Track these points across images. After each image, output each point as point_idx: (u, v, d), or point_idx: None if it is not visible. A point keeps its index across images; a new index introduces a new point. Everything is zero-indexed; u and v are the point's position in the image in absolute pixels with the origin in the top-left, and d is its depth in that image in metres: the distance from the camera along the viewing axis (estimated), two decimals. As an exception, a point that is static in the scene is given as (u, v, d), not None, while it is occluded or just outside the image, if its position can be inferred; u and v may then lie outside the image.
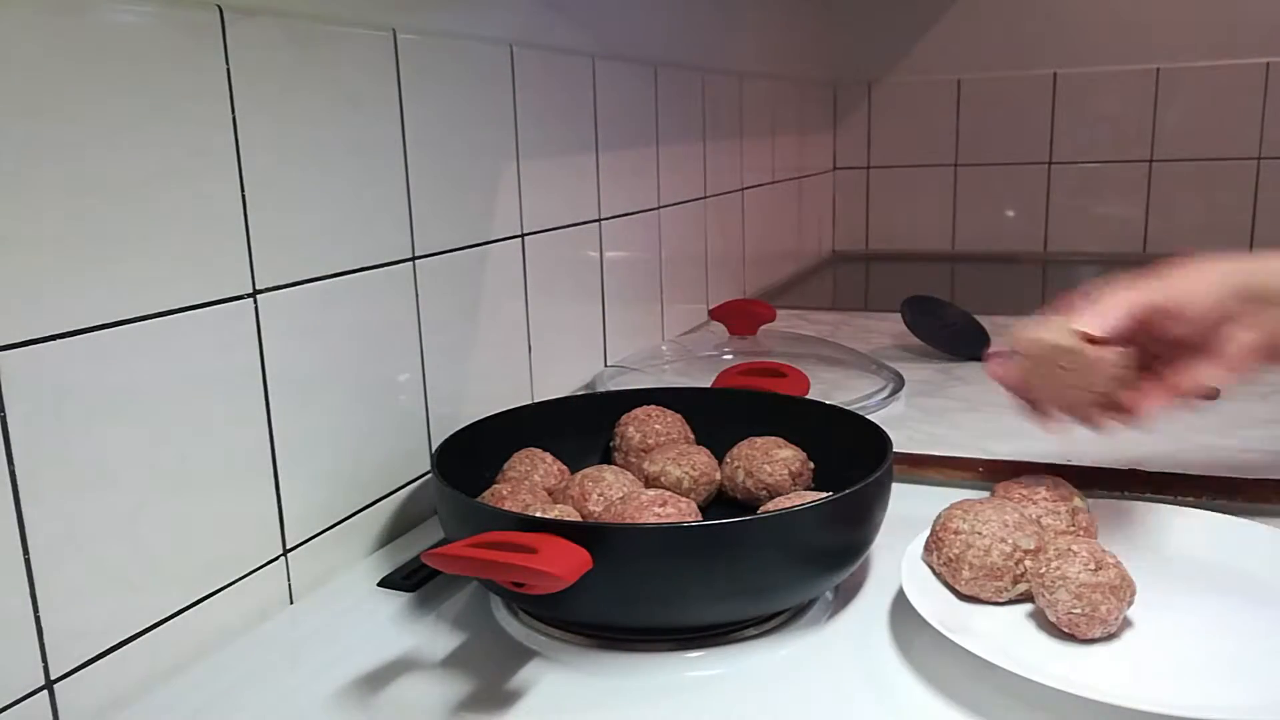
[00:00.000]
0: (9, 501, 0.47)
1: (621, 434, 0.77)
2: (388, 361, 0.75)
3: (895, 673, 0.55)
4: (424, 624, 0.62)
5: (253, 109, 0.60)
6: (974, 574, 0.58)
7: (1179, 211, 1.94)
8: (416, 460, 0.78)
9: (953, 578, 0.59)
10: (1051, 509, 0.64)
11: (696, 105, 1.36)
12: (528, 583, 0.50)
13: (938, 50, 2.03)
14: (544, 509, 0.63)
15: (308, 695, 0.54)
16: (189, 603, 0.58)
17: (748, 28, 1.61)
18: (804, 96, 1.93)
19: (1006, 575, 0.58)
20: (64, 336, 0.49)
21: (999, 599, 0.59)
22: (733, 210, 1.53)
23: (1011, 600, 0.59)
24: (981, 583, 0.59)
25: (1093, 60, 1.93)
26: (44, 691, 0.49)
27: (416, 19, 0.76)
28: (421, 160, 0.76)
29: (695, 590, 0.55)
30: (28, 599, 0.48)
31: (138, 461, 0.54)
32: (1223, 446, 0.86)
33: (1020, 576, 0.58)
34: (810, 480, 0.72)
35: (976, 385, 1.09)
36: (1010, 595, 0.59)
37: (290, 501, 0.65)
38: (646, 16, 1.21)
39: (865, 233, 2.16)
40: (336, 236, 0.68)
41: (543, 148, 0.95)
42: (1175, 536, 0.65)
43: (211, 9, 0.57)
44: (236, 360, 0.60)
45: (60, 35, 0.49)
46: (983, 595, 0.59)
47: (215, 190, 0.58)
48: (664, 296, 1.28)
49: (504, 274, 0.89)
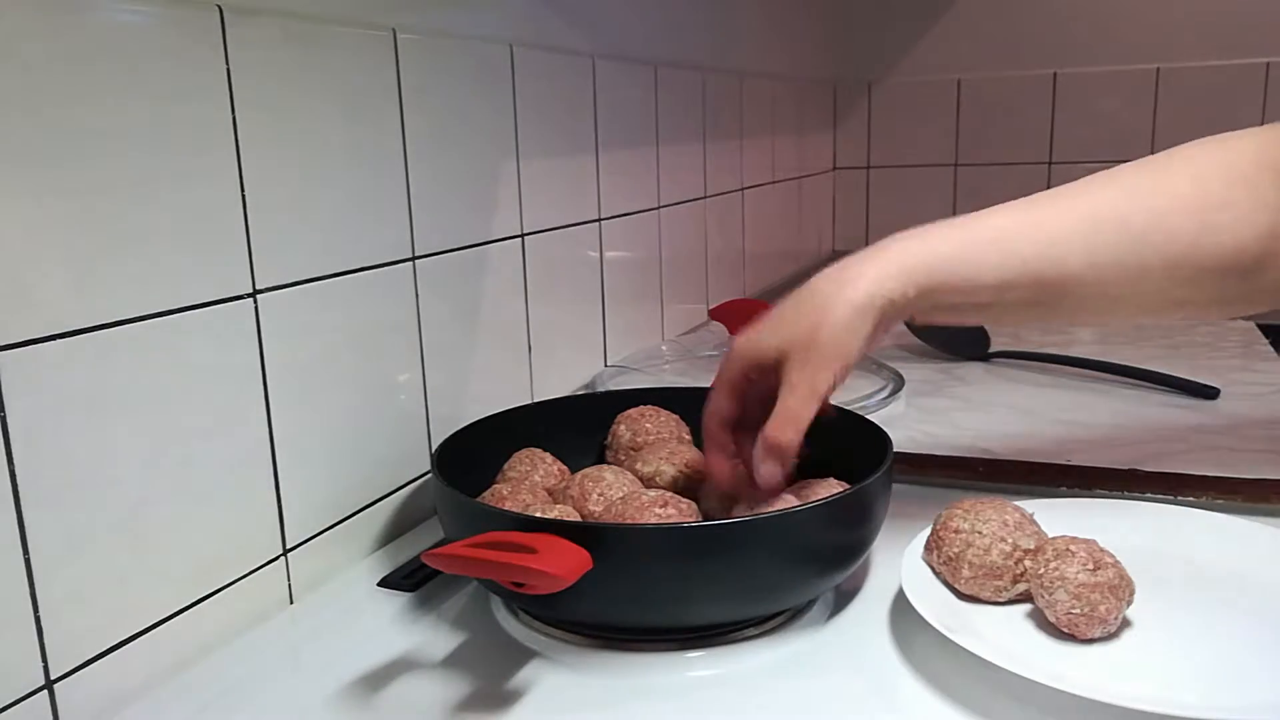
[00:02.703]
0: (9, 501, 0.47)
1: (614, 433, 0.77)
2: (388, 361, 0.75)
3: (895, 673, 0.55)
4: (424, 624, 0.62)
5: (253, 109, 0.60)
6: (973, 573, 0.58)
7: (1179, 211, 1.94)
8: (416, 460, 0.78)
9: (952, 576, 0.59)
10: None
11: (696, 105, 1.36)
12: (528, 583, 0.50)
13: (938, 50, 2.03)
14: (544, 509, 0.63)
15: (308, 695, 0.54)
16: (189, 603, 0.58)
17: (748, 28, 1.61)
18: (804, 96, 1.93)
19: (1006, 575, 0.58)
20: (64, 336, 0.49)
21: (999, 598, 0.59)
22: (733, 210, 1.53)
23: (1011, 600, 0.59)
24: (981, 582, 0.59)
25: (1093, 60, 1.93)
26: (44, 691, 0.49)
27: (416, 19, 0.76)
28: (421, 160, 0.76)
29: (695, 590, 0.55)
30: (28, 599, 0.48)
31: (138, 461, 0.54)
32: (1223, 446, 0.86)
33: (1020, 576, 0.58)
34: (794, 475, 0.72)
35: (976, 385, 1.09)
36: (1010, 595, 0.59)
37: (290, 501, 0.65)
38: (646, 16, 1.21)
39: (865, 233, 2.16)
40: (336, 236, 0.68)
41: (543, 147, 0.95)
42: (1175, 536, 0.65)
43: (211, 9, 0.57)
44: (236, 360, 0.60)
45: (60, 35, 0.49)
46: (982, 595, 0.59)
47: (215, 190, 0.58)
48: (664, 296, 1.28)
49: (504, 274, 0.89)
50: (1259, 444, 0.86)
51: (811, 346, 0.58)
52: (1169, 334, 1.30)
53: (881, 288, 0.58)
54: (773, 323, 0.61)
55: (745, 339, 0.61)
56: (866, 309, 0.58)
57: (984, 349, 1.21)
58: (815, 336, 0.58)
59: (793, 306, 0.60)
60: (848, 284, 0.58)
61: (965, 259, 0.59)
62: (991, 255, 0.60)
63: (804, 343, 0.58)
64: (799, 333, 0.58)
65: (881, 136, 2.11)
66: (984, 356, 1.19)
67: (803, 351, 0.58)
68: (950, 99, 2.04)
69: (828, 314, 0.58)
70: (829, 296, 0.58)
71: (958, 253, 0.60)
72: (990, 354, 1.20)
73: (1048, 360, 1.15)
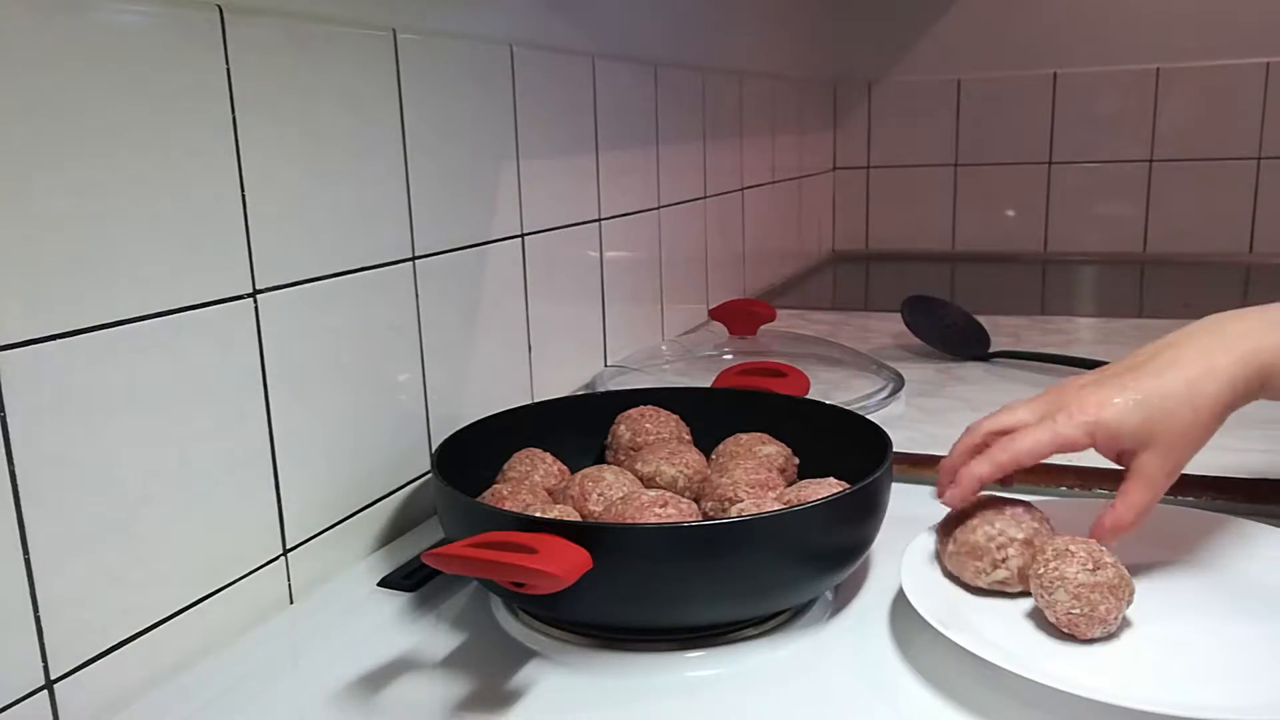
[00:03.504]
0: (9, 501, 0.47)
1: (614, 433, 0.77)
2: (388, 361, 0.75)
3: (895, 673, 0.55)
4: (424, 624, 0.62)
5: (253, 109, 0.60)
6: (956, 549, 0.60)
7: (1179, 211, 1.94)
8: (416, 460, 0.78)
9: (941, 551, 0.61)
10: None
11: (696, 105, 1.36)
12: (527, 583, 0.50)
13: (938, 50, 2.03)
14: (544, 509, 0.63)
15: (308, 695, 0.54)
16: (189, 603, 0.58)
17: (748, 28, 1.61)
18: (804, 96, 1.93)
19: (986, 557, 0.59)
20: (64, 336, 0.49)
21: (978, 581, 0.59)
22: (733, 210, 1.53)
23: (991, 587, 0.59)
24: (962, 560, 0.60)
25: (1093, 60, 1.93)
26: (44, 691, 0.49)
27: (416, 19, 0.76)
28: (421, 160, 0.76)
29: (695, 590, 0.55)
30: (28, 599, 0.48)
31: (138, 461, 0.54)
32: (1223, 446, 0.86)
33: (1001, 562, 0.59)
34: (795, 475, 0.72)
35: (976, 385, 1.09)
36: (989, 580, 0.59)
37: (290, 501, 0.65)
38: (646, 16, 1.21)
39: (865, 233, 2.16)
40: (336, 236, 0.68)
41: (543, 147, 0.95)
42: (1175, 536, 0.65)
43: (211, 9, 0.58)
44: (236, 360, 0.60)
45: (60, 35, 0.49)
46: (963, 575, 0.60)
47: (215, 190, 0.58)
48: (664, 296, 1.28)
49: (504, 274, 0.89)
50: (1259, 444, 0.86)
51: (1180, 448, 0.59)
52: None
53: (1235, 392, 0.59)
54: (1139, 405, 0.60)
55: (1112, 410, 0.60)
56: (1225, 413, 0.60)
57: (984, 349, 1.21)
58: (1185, 439, 0.59)
59: (1160, 395, 0.59)
60: (1209, 381, 0.59)
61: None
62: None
63: (1173, 443, 0.59)
64: (1171, 430, 0.59)
65: (881, 136, 2.11)
66: (984, 356, 1.19)
67: (1170, 451, 0.59)
68: (950, 99, 2.04)
69: (1198, 418, 0.59)
70: (1196, 398, 0.59)
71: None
72: (990, 354, 1.20)
73: (1048, 360, 1.15)
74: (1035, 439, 0.60)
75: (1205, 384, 0.59)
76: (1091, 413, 0.60)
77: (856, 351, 1.16)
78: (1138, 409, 0.59)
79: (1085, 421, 0.59)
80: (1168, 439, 0.59)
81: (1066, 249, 2.02)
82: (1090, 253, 2.00)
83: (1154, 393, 0.59)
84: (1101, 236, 2.00)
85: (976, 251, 2.07)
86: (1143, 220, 1.97)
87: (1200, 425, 0.59)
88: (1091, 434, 0.60)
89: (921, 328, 1.25)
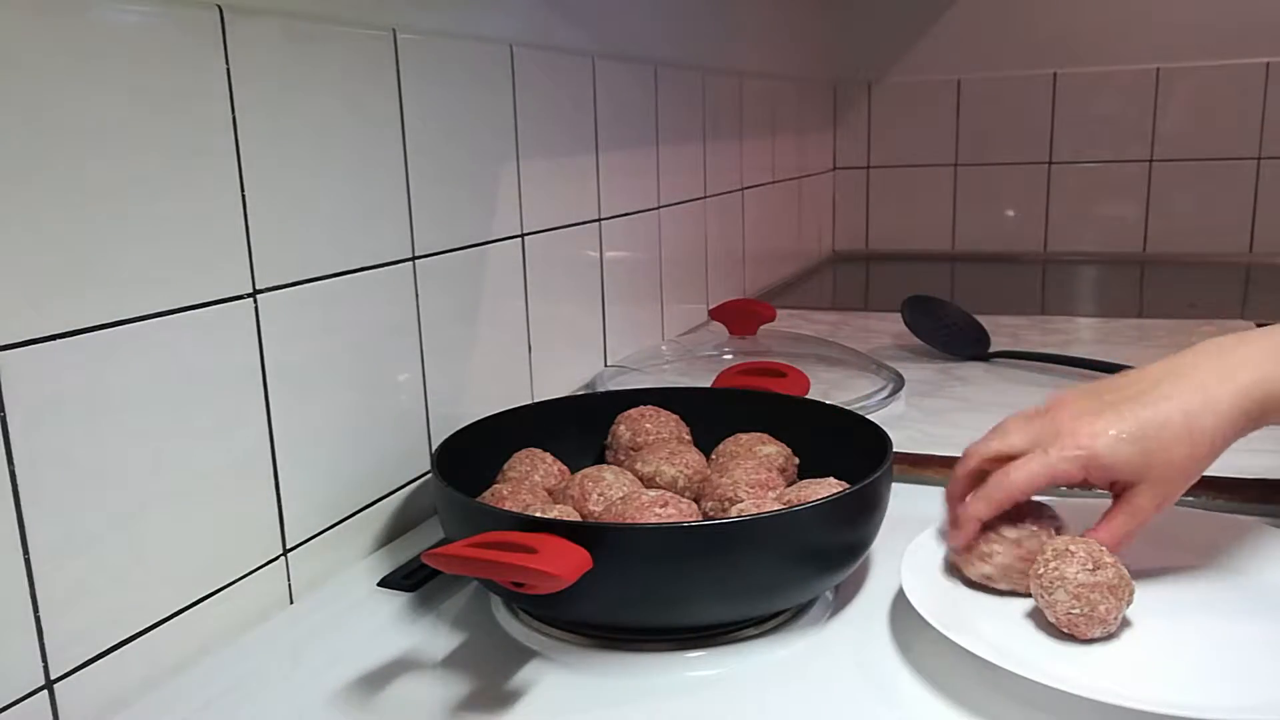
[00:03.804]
0: (9, 501, 0.47)
1: (614, 433, 0.77)
2: (388, 361, 0.75)
3: (895, 673, 0.55)
4: (424, 624, 0.62)
5: (253, 109, 0.60)
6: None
7: (1179, 211, 1.94)
8: (416, 460, 0.78)
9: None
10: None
11: (696, 105, 1.36)
12: (528, 583, 0.50)
13: (938, 50, 2.03)
14: (544, 509, 0.63)
15: (308, 695, 0.54)
16: (189, 603, 0.58)
17: (748, 28, 1.61)
18: (804, 96, 1.94)
19: (974, 550, 0.60)
20: (64, 336, 0.49)
21: (966, 571, 0.61)
22: (733, 210, 1.53)
23: (979, 580, 0.60)
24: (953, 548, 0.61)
25: (1093, 60, 1.94)
26: (44, 691, 0.49)
27: (416, 19, 0.76)
28: (421, 160, 0.76)
29: (695, 590, 0.55)
30: (28, 599, 0.48)
31: (138, 461, 0.54)
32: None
33: (987, 557, 0.59)
34: (795, 475, 0.72)
35: (976, 385, 1.09)
36: (976, 573, 0.60)
37: (290, 501, 0.65)
38: (646, 16, 1.21)
39: (865, 233, 2.16)
40: (336, 236, 0.68)
41: (543, 147, 0.95)
42: (1175, 536, 0.65)
43: (211, 9, 0.58)
44: (236, 360, 0.60)
45: (60, 35, 0.49)
46: (957, 563, 0.61)
47: (215, 190, 0.58)
48: (664, 296, 1.28)
49: (504, 274, 0.89)
50: (1259, 444, 0.86)
51: (1175, 483, 0.59)
52: (1171, 334, 1.30)
53: (1235, 425, 0.58)
54: (1134, 438, 0.58)
55: (1106, 442, 0.58)
56: (1224, 446, 0.58)
57: (984, 349, 1.21)
58: (1182, 474, 0.58)
59: (1156, 426, 0.58)
60: (1208, 413, 0.57)
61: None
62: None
63: (1168, 478, 0.58)
64: (1167, 464, 0.58)
65: (881, 136, 2.11)
66: (984, 356, 1.19)
67: (1164, 485, 0.58)
68: (950, 99, 2.04)
69: (1195, 452, 0.58)
70: (1194, 432, 0.57)
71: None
72: (990, 354, 1.20)
73: (1048, 360, 1.15)
74: (1030, 474, 0.59)
75: (1204, 417, 0.57)
76: (1085, 444, 0.58)
77: (856, 351, 1.16)
78: (1132, 442, 0.58)
79: (1079, 455, 0.58)
80: (1162, 473, 0.58)
81: (1066, 249, 2.02)
82: (1090, 253, 2.00)
83: (1150, 424, 0.58)
84: (1101, 236, 2.00)
85: (976, 251, 2.07)
86: (1143, 220, 1.97)
87: (1196, 459, 0.58)
88: (1085, 467, 0.58)
89: (921, 328, 1.25)
